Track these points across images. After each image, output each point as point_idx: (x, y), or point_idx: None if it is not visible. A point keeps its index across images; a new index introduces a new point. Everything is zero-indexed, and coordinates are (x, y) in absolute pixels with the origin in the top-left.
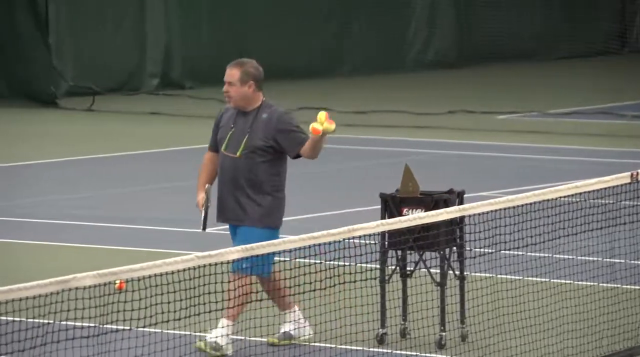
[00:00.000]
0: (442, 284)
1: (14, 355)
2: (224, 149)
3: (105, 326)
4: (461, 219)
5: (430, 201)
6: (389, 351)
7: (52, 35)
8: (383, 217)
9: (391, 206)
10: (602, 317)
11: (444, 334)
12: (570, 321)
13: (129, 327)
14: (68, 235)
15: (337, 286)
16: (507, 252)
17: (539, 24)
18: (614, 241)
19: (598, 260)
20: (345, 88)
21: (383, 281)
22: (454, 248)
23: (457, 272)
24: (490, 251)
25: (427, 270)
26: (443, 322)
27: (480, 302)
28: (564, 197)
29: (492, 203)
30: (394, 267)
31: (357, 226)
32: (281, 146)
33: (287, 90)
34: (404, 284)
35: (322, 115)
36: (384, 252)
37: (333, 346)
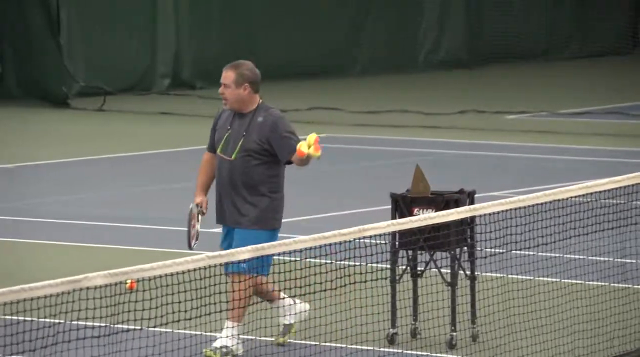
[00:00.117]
0: (453, 284)
1: (25, 355)
2: (220, 151)
3: (116, 325)
4: (472, 219)
5: (441, 201)
6: (400, 351)
7: (64, 35)
8: (394, 217)
9: (402, 205)
10: (613, 317)
11: (454, 334)
12: (581, 321)
13: (139, 327)
14: (79, 234)
15: (348, 286)
16: (518, 252)
17: (550, 23)
18: (625, 241)
19: (609, 260)
20: (356, 88)
21: (394, 281)
22: (465, 248)
23: (468, 272)
24: (501, 251)
25: (437, 270)
26: (454, 322)
27: (491, 302)
28: (575, 197)
29: (502, 203)
30: (404, 267)
31: (368, 225)
32: (274, 150)
33: (298, 90)
34: (415, 284)
35: (311, 139)
36: (394, 252)
37: (344, 345)
